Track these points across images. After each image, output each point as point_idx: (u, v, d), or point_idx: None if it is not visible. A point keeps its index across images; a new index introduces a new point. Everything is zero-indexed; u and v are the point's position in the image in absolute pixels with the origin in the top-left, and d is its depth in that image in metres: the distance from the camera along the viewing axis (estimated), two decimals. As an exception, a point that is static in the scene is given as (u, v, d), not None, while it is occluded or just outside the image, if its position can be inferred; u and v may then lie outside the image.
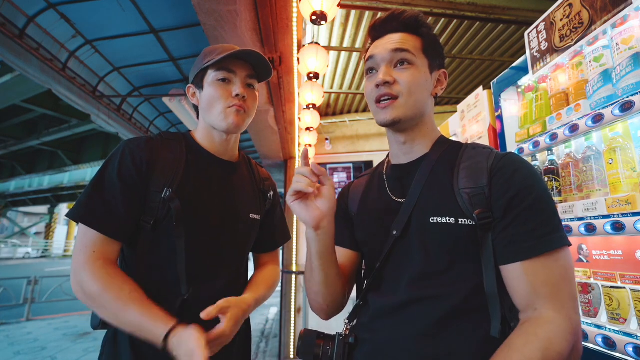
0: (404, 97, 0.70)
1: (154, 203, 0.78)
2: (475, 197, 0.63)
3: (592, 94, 1.20)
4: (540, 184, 0.63)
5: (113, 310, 0.70)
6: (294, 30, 2.12)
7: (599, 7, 1.14)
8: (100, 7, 3.30)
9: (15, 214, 24.65)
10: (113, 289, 0.71)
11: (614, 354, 1.05)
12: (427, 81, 0.73)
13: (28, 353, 3.79)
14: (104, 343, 0.81)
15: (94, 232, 0.73)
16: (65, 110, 8.41)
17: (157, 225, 0.78)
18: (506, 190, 0.61)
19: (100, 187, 0.76)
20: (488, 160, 0.66)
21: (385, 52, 0.72)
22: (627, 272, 1.12)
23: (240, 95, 0.84)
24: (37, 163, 13.78)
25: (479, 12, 2.68)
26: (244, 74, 0.86)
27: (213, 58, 0.84)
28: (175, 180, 0.80)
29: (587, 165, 1.23)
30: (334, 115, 4.71)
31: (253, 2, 1.92)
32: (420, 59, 0.72)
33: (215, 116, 0.85)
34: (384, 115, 0.71)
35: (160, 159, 0.81)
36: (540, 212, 0.60)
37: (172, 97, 4.37)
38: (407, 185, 0.73)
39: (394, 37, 0.72)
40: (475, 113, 2.03)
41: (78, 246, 0.74)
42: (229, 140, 0.91)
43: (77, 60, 3.98)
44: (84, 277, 0.71)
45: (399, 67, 0.71)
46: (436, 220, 0.64)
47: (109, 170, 0.78)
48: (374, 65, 0.74)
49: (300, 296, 4.00)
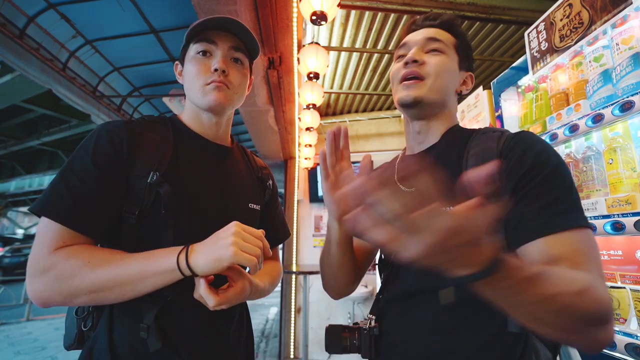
0: (431, 78, 0.69)
1: (138, 190, 0.66)
2: None
3: (592, 94, 1.20)
4: (555, 159, 0.57)
5: (107, 274, 0.58)
6: (294, 30, 2.12)
7: (599, 7, 1.14)
8: (100, 7, 3.30)
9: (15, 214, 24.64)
10: (100, 254, 0.61)
11: (614, 354, 1.05)
12: (455, 74, 0.73)
13: (28, 353, 3.79)
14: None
15: (60, 226, 0.60)
16: (65, 110, 8.41)
17: (143, 217, 0.66)
18: (517, 170, 0.56)
19: (70, 174, 0.63)
20: (498, 143, 0.62)
21: (420, 38, 0.72)
22: (627, 272, 1.12)
23: (220, 70, 0.73)
24: (37, 163, 13.78)
25: (479, 12, 2.67)
26: (227, 45, 0.75)
27: (192, 31, 0.75)
28: (163, 163, 0.69)
29: (587, 165, 1.23)
30: (334, 115, 4.71)
31: (253, 2, 1.92)
32: (452, 53, 0.73)
33: (195, 94, 0.75)
34: (406, 92, 0.69)
35: (144, 140, 0.70)
36: (554, 188, 0.53)
37: (172, 97, 4.37)
38: (415, 173, 0.71)
39: (429, 30, 0.73)
40: (475, 113, 2.03)
41: (41, 240, 0.60)
42: (219, 123, 0.81)
43: (77, 60, 3.97)
44: (57, 259, 0.58)
45: (430, 53, 0.71)
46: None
47: (80, 155, 0.65)
48: (405, 51, 0.74)
49: (300, 296, 4.00)
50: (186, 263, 0.59)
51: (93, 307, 0.72)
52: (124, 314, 0.67)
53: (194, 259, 0.59)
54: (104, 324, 0.68)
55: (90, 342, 0.69)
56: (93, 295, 0.59)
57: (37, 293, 0.58)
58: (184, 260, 0.59)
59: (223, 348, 0.76)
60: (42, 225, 0.61)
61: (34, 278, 0.58)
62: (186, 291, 0.64)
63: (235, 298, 0.63)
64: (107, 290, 0.59)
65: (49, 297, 0.59)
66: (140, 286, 0.60)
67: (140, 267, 0.59)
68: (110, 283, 0.59)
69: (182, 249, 0.61)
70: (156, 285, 0.60)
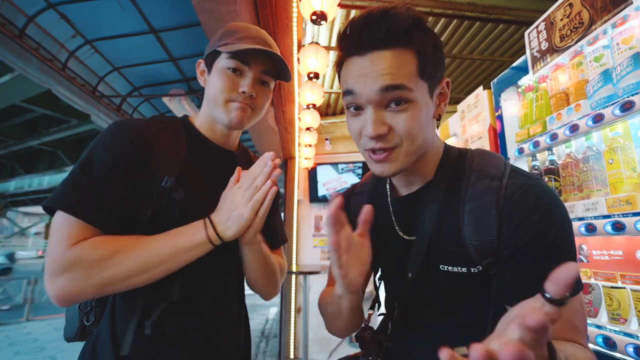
0: (403, 146, 0.57)
1: (152, 193, 0.67)
2: (483, 250, 0.57)
3: (593, 93, 1.20)
4: (556, 228, 0.53)
5: (141, 257, 0.60)
6: (294, 30, 2.12)
7: (599, 6, 1.14)
8: (100, 7, 3.29)
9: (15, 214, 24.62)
10: (128, 238, 0.62)
11: (614, 354, 1.05)
12: (429, 111, 0.59)
13: (28, 353, 3.78)
14: (82, 356, 0.71)
15: (76, 220, 0.60)
16: (65, 110, 8.39)
17: (155, 219, 0.67)
18: (515, 241, 0.54)
19: (88, 169, 0.63)
20: (497, 202, 0.56)
21: (372, 92, 0.54)
22: (628, 272, 1.12)
23: (248, 93, 0.73)
24: (37, 163, 13.76)
25: (479, 12, 2.67)
26: (260, 69, 0.75)
27: (229, 42, 0.73)
28: (176, 168, 0.70)
29: (588, 165, 1.23)
30: (334, 115, 4.71)
31: (253, 2, 1.92)
32: (419, 88, 0.56)
33: (217, 108, 0.75)
34: (380, 169, 0.59)
35: (159, 143, 0.70)
36: (550, 261, 0.52)
37: (172, 97, 4.36)
38: (413, 219, 0.67)
39: (379, 61, 0.54)
40: (475, 113, 2.03)
41: (57, 237, 0.59)
42: (231, 134, 0.83)
43: (77, 60, 3.97)
44: (81, 251, 0.58)
45: (392, 107, 0.55)
46: (446, 269, 0.60)
47: (99, 149, 0.65)
48: (356, 103, 0.57)
49: (300, 296, 4.00)
50: (215, 233, 0.65)
51: (96, 302, 0.74)
52: (126, 309, 0.68)
53: (221, 227, 0.65)
54: (107, 319, 0.69)
55: (94, 337, 0.70)
56: (130, 280, 0.61)
57: (64, 290, 0.58)
58: (213, 231, 0.65)
59: (221, 346, 0.77)
60: (58, 220, 0.60)
61: (57, 277, 0.57)
62: (189, 290, 0.68)
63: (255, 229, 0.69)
64: (144, 273, 0.61)
65: (79, 291, 0.58)
66: (173, 264, 0.63)
67: (172, 246, 0.63)
68: (145, 265, 0.61)
69: (205, 223, 0.65)
70: (187, 261, 0.64)
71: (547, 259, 0.52)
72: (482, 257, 0.57)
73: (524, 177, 0.59)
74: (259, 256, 0.76)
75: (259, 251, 0.76)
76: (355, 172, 4.50)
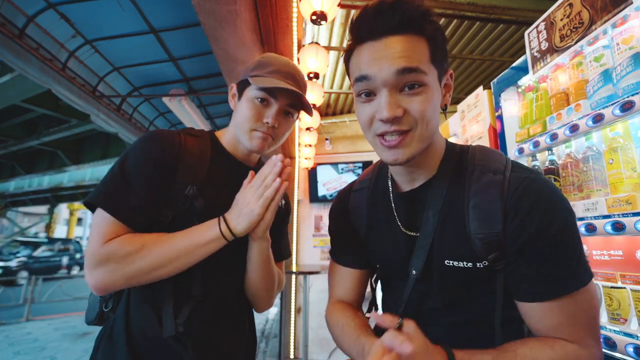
0: (417, 129, 0.56)
1: (175, 198, 0.75)
2: (489, 243, 0.57)
3: (593, 93, 1.20)
4: (560, 221, 0.55)
5: (162, 252, 0.68)
6: (293, 30, 2.12)
7: (599, 6, 1.14)
8: (100, 7, 3.29)
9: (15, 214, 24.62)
10: (152, 235, 0.70)
11: (614, 354, 1.05)
12: (439, 98, 0.60)
13: (28, 353, 3.78)
14: (99, 338, 0.79)
15: (112, 219, 0.69)
16: (65, 110, 8.39)
17: (175, 222, 0.75)
18: (520, 234, 0.55)
19: (126, 173, 0.72)
20: (502, 195, 0.57)
21: (388, 74, 0.54)
22: (628, 272, 1.12)
23: (271, 124, 0.80)
24: (37, 163, 13.75)
25: (479, 12, 2.67)
26: (285, 102, 0.81)
27: (261, 74, 0.80)
28: (199, 178, 0.78)
29: (587, 165, 1.23)
30: (334, 115, 4.71)
31: (253, 2, 1.92)
32: (431, 72, 0.57)
33: (242, 134, 0.82)
34: (393, 155, 0.58)
35: (187, 154, 0.78)
36: (556, 254, 0.54)
37: (172, 97, 4.36)
38: (416, 215, 0.66)
39: (393, 45, 0.54)
40: (475, 113, 2.03)
41: (95, 232, 0.68)
42: (251, 152, 0.89)
43: (77, 60, 3.97)
44: (113, 248, 0.66)
45: (407, 91, 0.55)
46: (452, 264, 0.60)
47: (136, 156, 0.74)
48: (369, 88, 0.57)
49: (300, 296, 4.00)
50: (228, 229, 0.71)
51: (115, 292, 0.82)
52: (140, 300, 0.76)
53: (233, 223, 0.72)
54: (122, 308, 0.77)
55: (111, 322, 0.79)
56: (153, 273, 0.68)
57: (100, 281, 0.67)
58: (226, 227, 0.71)
59: (226, 343, 0.81)
60: (98, 216, 0.69)
61: (94, 269, 0.66)
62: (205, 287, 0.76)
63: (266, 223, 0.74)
64: (165, 266, 0.69)
65: (112, 282, 0.67)
66: (191, 258, 0.70)
67: (189, 242, 0.70)
68: (166, 259, 0.68)
69: (219, 221, 0.72)
70: (203, 255, 0.71)
71: (553, 253, 0.54)
72: (488, 251, 0.57)
73: (526, 170, 0.60)
74: (264, 256, 0.81)
75: (265, 250, 0.80)
76: (355, 172, 4.50)
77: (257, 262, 0.81)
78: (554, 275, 0.54)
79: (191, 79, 4.54)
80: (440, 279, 0.63)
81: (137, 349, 0.73)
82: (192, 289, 0.75)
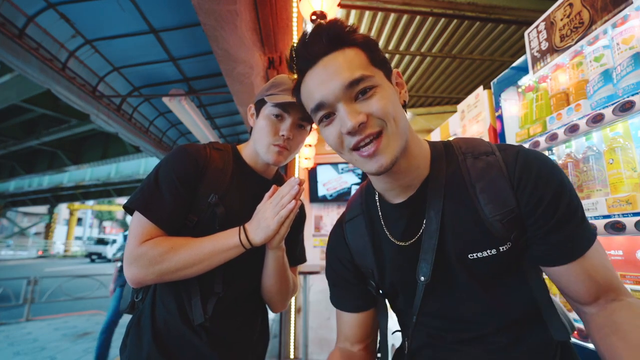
0: (388, 128, 0.56)
1: (200, 205, 0.85)
2: (508, 221, 0.58)
3: (593, 93, 1.20)
4: (562, 181, 0.58)
5: (187, 255, 0.77)
6: (293, 30, 2.12)
7: (600, 6, 1.14)
8: (100, 7, 3.29)
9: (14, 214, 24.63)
10: (180, 239, 0.80)
11: (614, 354, 1.05)
12: (395, 95, 0.60)
13: (28, 353, 3.78)
14: (130, 326, 0.89)
15: (149, 223, 0.79)
16: (65, 110, 8.39)
17: (198, 226, 0.85)
18: (536, 204, 0.56)
19: (159, 182, 0.83)
20: (502, 172, 0.58)
21: (339, 90, 0.55)
22: (628, 272, 1.12)
23: (286, 137, 0.89)
24: (37, 163, 13.76)
25: (479, 12, 2.68)
26: (297, 115, 0.90)
27: (275, 93, 0.89)
28: (221, 188, 0.88)
29: (588, 165, 1.22)
30: (334, 115, 4.71)
31: (253, 2, 1.92)
32: (377, 74, 0.58)
33: (261, 148, 0.91)
34: (377, 163, 0.56)
35: (212, 166, 0.90)
36: (574, 213, 0.57)
37: (172, 97, 4.36)
38: (414, 224, 0.65)
39: (332, 63, 0.56)
40: (475, 113, 2.03)
41: (133, 233, 0.79)
42: (269, 165, 0.97)
43: (76, 60, 3.97)
44: (146, 249, 0.76)
45: (361, 97, 0.56)
46: (476, 256, 0.59)
47: (168, 168, 0.84)
48: (327, 110, 0.58)
49: (301, 296, 4.00)
50: (247, 239, 0.79)
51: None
52: (166, 293, 0.86)
53: (252, 235, 0.80)
54: (149, 299, 0.87)
55: (139, 311, 0.89)
56: (179, 272, 0.77)
57: (134, 276, 0.77)
58: (245, 237, 0.79)
59: (239, 337, 0.89)
60: (136, 219, 0.80)
61: (130, 265, 0.76)
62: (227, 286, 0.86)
63: (281, 236, 0.82)
64: (190, 267, 0.77)
65: (144, 277, 0.76)
66: (213, 262, 0.78)
67: (212, 247, 0.78)
68: (190, 261, 0.77)
69: (239, 231, 0.80)
70: (223, 260, 0.79)
71: (570, 213, 0.57)
72: (509, 231, 0.58)
73: (511, 145, 0.63)
74: (279, 263, 0.89)
75: (280, 258, 0.88)
76: (355, 172, 4.51)
77: (273, 269, 0.89)
78: (580, 230, 0.57)
79: (191, 79, 4.55)
80: (468, 275, 0.61)
81: (161, 336, 0.83)
82: (214, 287, 0.85)
